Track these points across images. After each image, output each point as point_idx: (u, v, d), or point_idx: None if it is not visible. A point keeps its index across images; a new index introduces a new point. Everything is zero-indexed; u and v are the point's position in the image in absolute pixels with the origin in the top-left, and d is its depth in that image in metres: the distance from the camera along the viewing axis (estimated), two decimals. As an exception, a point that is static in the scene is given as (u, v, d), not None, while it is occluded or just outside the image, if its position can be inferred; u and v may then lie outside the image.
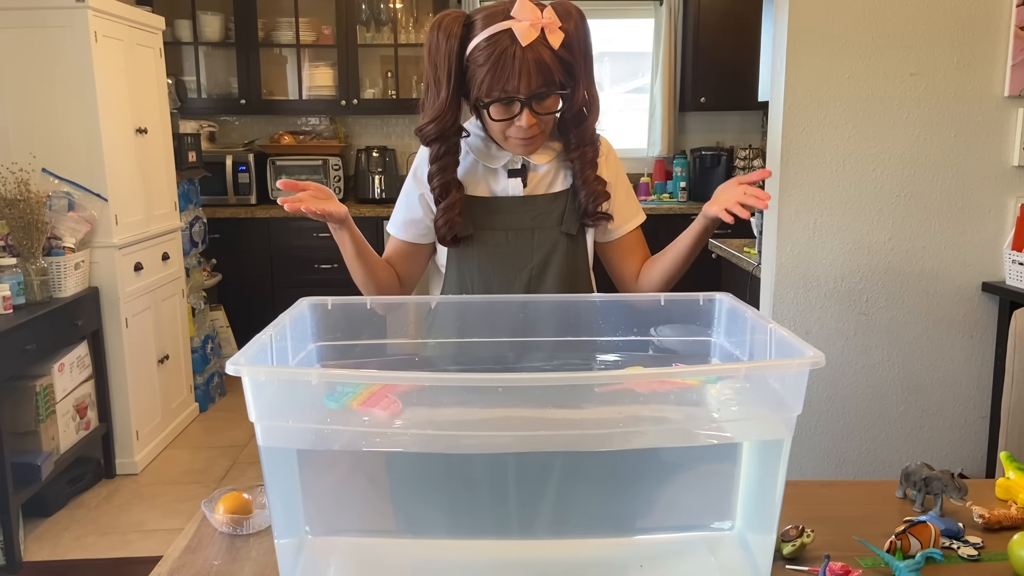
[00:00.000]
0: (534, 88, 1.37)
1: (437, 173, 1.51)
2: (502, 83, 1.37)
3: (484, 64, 1.37)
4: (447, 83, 1.43)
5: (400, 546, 1.14)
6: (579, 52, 1.42)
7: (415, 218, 1.57)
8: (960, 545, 1.20)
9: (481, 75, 1.38)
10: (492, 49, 1.36)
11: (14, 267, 2.93)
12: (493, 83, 1.37)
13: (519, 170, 1.52)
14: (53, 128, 3.21)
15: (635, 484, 1.07)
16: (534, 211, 1.52)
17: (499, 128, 1.45)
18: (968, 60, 2.43)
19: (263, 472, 0.99)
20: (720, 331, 1.31)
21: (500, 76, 1.36)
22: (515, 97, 1.38)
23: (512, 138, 1.45)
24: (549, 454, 1.05)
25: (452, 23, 1.41)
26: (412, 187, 1.59)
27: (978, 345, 2.57)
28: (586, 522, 1.09)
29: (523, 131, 1.42)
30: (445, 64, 1.42)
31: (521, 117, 1.40)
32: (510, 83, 1.36)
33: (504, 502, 1.09)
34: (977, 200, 2.50)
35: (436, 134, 1.49)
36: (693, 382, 1.07)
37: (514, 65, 1.35)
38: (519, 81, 1.36)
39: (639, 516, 1.10)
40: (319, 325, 1.28)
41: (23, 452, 2.87)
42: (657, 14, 5.15)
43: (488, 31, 1.37)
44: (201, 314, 4.31)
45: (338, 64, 5.01)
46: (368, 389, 0.99)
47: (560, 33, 1.38)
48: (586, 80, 1.45)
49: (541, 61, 1.36)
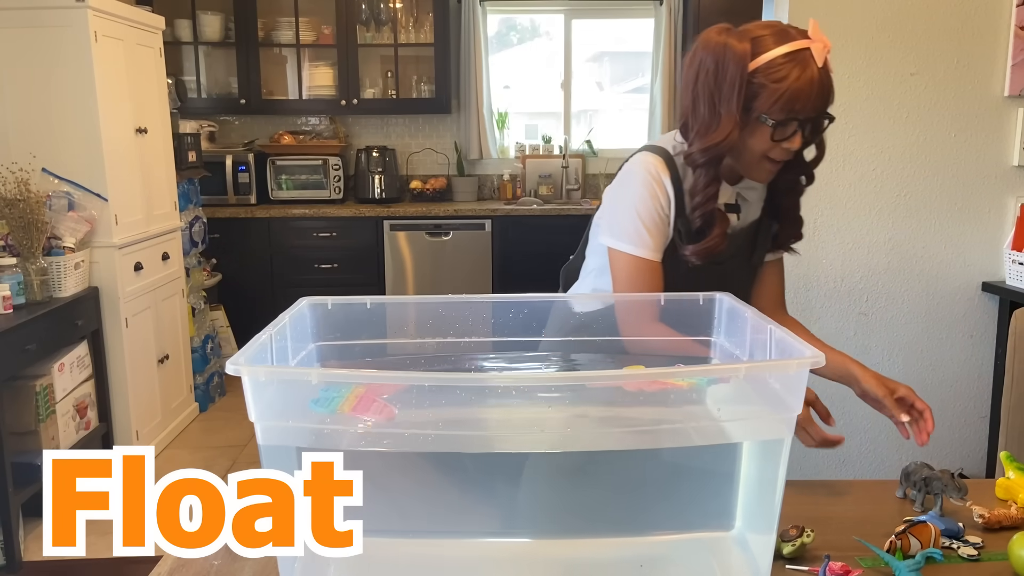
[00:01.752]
0: (819, 111, 1.33)
1: (703, 203, 1.39)
2: (801, 102, 1.30)
3: (784, 80, 1.30)
4: (737, 100, 1.32)
5: (400, 546, 1.14)
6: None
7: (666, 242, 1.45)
8: (960, 545, 1.20)
9: (779, 90, 1.30)
10: (795, 65, 1.30)
11: (14, 267, 2.92)
12: (792, 102, 1.30)
13: (734, 204, 1.47)
14: (53, 128, 3.21)
15: (635, 484, 1.07)
16: (736, 242, 1.47)
17: (764, 149, 1.36)
18: (968, 60, 2.44)
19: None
20: (720, 331, 1.31)
21: (802, 96, 1.30)
22: (802, 118, 1.33)
23: (768, 161, 1.37)
24: (549, 454, 1.05)
25: (739, 35, 1.34)
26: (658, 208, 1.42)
27: (978, 345, 2.57)
28: (586, 522, 1.09)
29: (788, 154, 1.36)
30: (736, 80, 1.31)
31: (794, 140, 1.34)
32: (808, 103, 1.31)
33: (504, 502, 1.09)
34: (977, 200, 2.51)
35: (710, 159, 1.37)
36: (684, 383, 1.07)
37: (812, 87, 1.30)
38: (814, 102, 1.31)
39: (639, 516, 1.10)
40: (319, 325, 1.28)
41: (23, 452, 2.87)
42: (657, 14, 5.15)
43: (787, 46, 1.31)
44: (201, 314, 4.31)
45: (338, 64, 5.01)
46: (354, 393, 0.99)
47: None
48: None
49: (826, 83, 1.32)
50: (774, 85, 1.30)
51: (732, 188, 1.46)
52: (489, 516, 1.11)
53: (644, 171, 1.43)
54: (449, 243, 4.82)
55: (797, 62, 1.30)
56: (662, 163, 1.43)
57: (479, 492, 1.09)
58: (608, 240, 1.47)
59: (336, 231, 4.82)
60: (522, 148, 5.36)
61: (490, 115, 5.23)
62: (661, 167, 1.42)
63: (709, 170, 1.38)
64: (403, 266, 4.83)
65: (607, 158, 5.33)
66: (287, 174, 4.99)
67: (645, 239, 1.42)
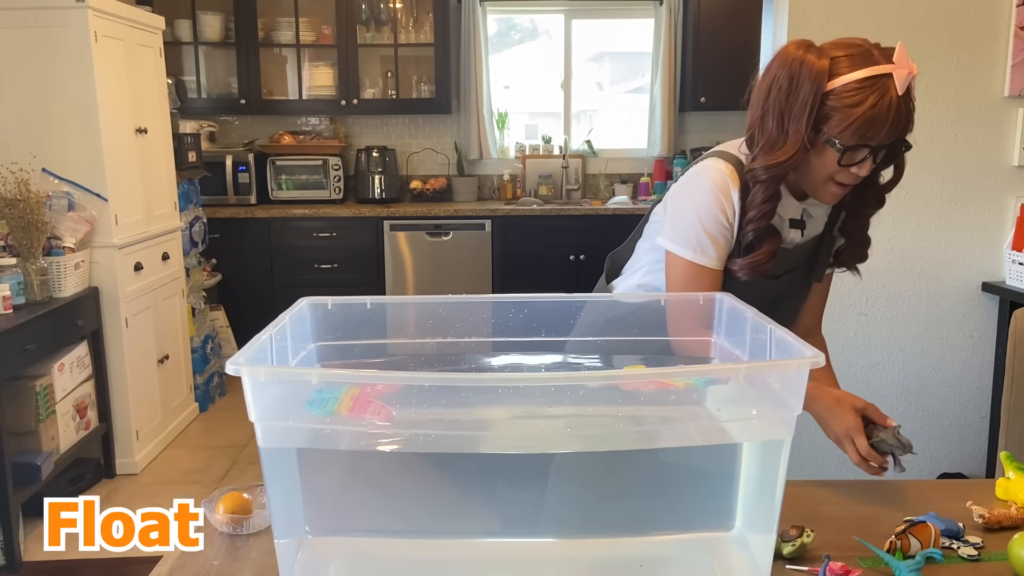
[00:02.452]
0: (892, 139, 1.29)
1: (758, 219, 1.37)
2: (874, 129, 1.26)
3: (858, 106, 1.25)
4: (807, 120, 1.29)
5: (400, 546, 1.14)
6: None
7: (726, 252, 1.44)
8: (960, 545, 1.20)
9: (852, 116, 1.26)
10: (872, 91, 1.25)
11: (14, 267, 2.92)
12: (865, 127, 1.26)
13: (799, 220, 1.44)
14: (53, 128, 3.21)
15: (635, 484, 1.07)
16: (802, 255, 1.47)
17: (831, 172, 1.32)
18: (968, 60, 2.44)
19: (263, 472, 0.99)
20: (720, 331, 1.31)
21: (875, 122, 1.25)
22: (875, 146, 1.29)
23: (834, 184, 1.34)
24: (549, 454, 1.05)
25: (820, 52, 1.30)
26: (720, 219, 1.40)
27: (978, 345, 2.57)
28: (586, 522, 1.09)
29: (854, 179, 1.32)
30: (809, 98, 1.28)
31: (863, 165, 1.30)
32: (881, 131, 1.26)
33: (504, 502, 1.09)
34: (977, 200, 2.50)
35: (772, 177, 1.35)
36: (681, 383, 1.07)
37: (889, 114, 1.25)
38: (888, 131, 1.26)
39: (639, 516, 1.10)
40: (319, 325, 1.28)
41: (23, 452, 2.87)
42: (657, 14, 5.15)
43: (866, 71, 1.26)
44: (201, 314, 4.31)
45: (338, 64, 5.01)
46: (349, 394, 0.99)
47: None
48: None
49: (909, 113, 1.28)
50: (847, 110, 1.26)
51: (799, 204, 1.43)
52: (488, 516, 1.11)
53: (713, 179, 1.40)
54: (449, 243, 4.82)
55: (875, 88, 1.25)
56: (734, 172, 1.40)
57: (478, 492, 1.09)
58: (668, 243, 1.45)
59: (336, 231, 4.82)
60: (522, 148, 5.36)
61: (490, 115, 5.23)
62: (732, 176, 1.39)
63: (769, 187, 1.36)
64: (403, 266, 4.83)
65: (607, 158, 5.33)
66: (287, 174, 4.99)
67: (706, 247, 1.41)
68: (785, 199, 1.41)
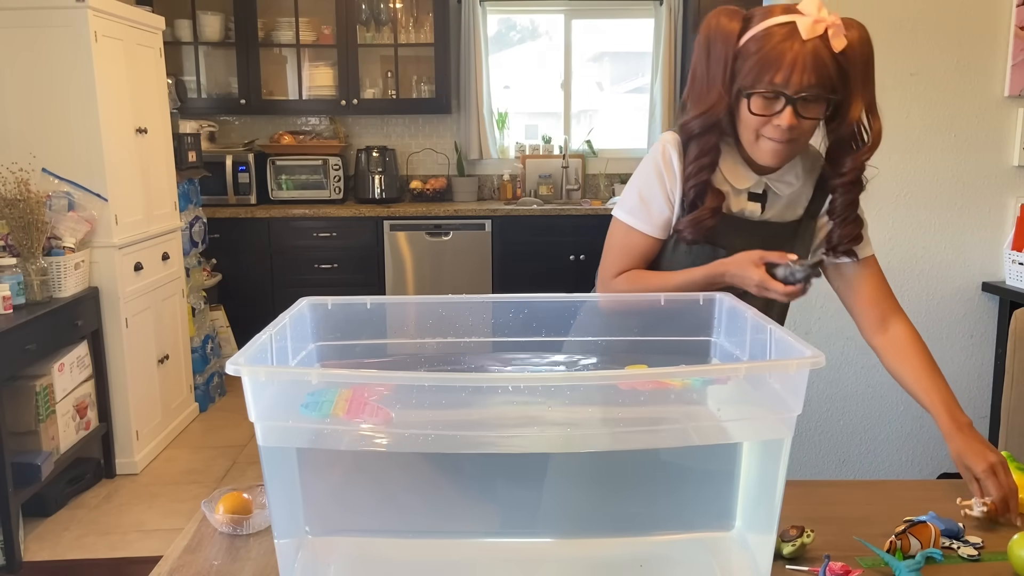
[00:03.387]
0: (804, 86, 1.29)
1: (695, 174, 1.41)
2: (772, 74, 1.29)
3: (756, 53, 1.30)
4: (722, 74, 1.34)
5: (400, 546, 1.14)
6: (858, 67, 1.33)
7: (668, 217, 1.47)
8: (960, 545, 1.20)
9: (751, 63, 1.31)
10: (769, 39, 1.30)
11: (14, 267, 2.92)
12: (762, 72, 1.30)
13: (760, 195, 1.45)
14: (53, 128, 3.21)
15: (635, 484, 1.07)
16: (764, 235, 1.45)
17: (754, 126, 1.35)
18: (968, 60, 2.44)
19: (263, 472, 0.99)
20: (720, 331, 1.31)
21: (772, 66, 1.29)
22: (781, 92, 1.30)
23: (764, 140, 1.36)
24: (549, 454, 1.05)
25: (732, 14, 1.36)
26: (659, 183, 1.46)
27: (978, 345, 2.57)
28: (586, 522, 1.09)
29: (780, 132, 1.33)
30: (721, 54, 1.34)
31: (782, 116, 1.31)
32: (780, 75, 1.29)
33: (504, 502, 1.09)
34: (977, 200, 2.51)
35: (701, 129, 1.39)
36: (678, 383, 1.07)
37: (788, 57, 1.28)
38: (790, 74, 1.28)
39: (639, 516, 1.10)
40: (319, 325, 1.28)
41: (23, 452, 2.87)
42: (657, 14, 5.15)
43: (769, 21, 1.31)
44: (201, 314, 4.31)
45: (338, 64, 5.01)
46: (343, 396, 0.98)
47: (844, 39, 1.30)
48: (864, 98, 1.36)
49: (819, 59, 1.28)
50: (751, 57, 1.31)
51: (759, 177, 1.44)
52: (488, 516, 1.11)
53: (656, 149, 1.46)
54: (449, 243, 4.82)
55: (776, 35, 1.30)
56: (676, 140, 1.45)
57: (478, 492, 1.09)
58: (615, 210, 1.52)
59: (336, 231, 4.82)
60: (522, 148, 5.36)
61: (490, 115, 5.23)
62: (673, 143, 1.44)
63: (701, 140, 1.40)
64: (403, 266, 4.83)
65: (607, 158, 5.33)
66: (287, 174, 4.99)
67: (640, 212, 1.47)
68: (740, 170, 1.44)
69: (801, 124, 1.33)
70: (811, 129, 1.37)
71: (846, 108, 1.36)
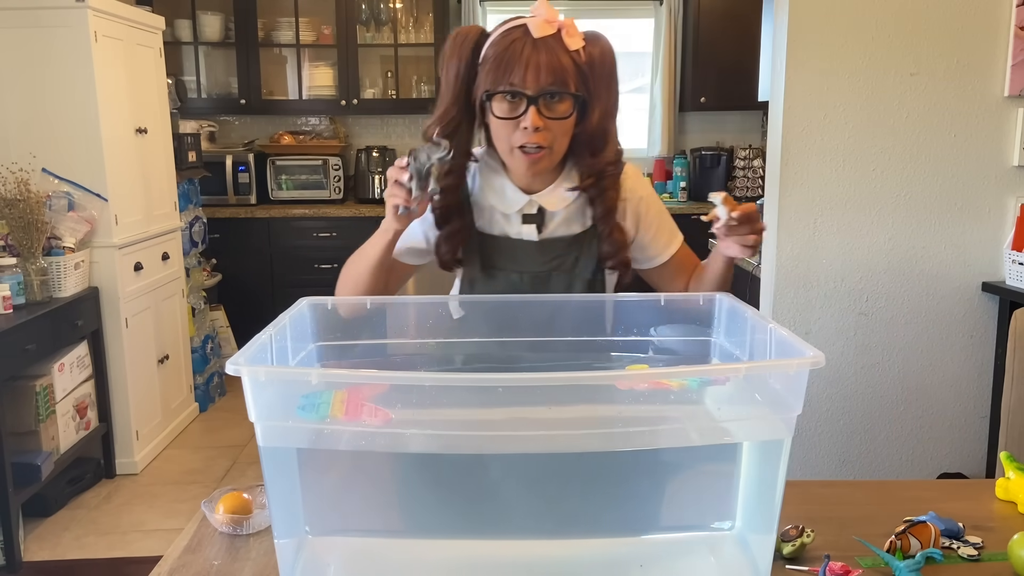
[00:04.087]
0: (543, 85, 1.29)
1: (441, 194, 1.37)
2: (508, 75, 1.29)
3: (493, 57, 1.31)
4: (455, 83, 1.35)
5: (400, 546, 1.14)
6: (601, 75, 1.35)
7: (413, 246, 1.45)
8: (960, 545, 1.20)
9: (489, 67, 1.31)
10: (502, 42, 1.31)
11: (14, 267, 2.92)
12: (500, 74, 1.30)
13: (534, 215, 1.42)
14: (53, 128, 3.21)
15: (635, 484, 1.07)
16: (551, 254, 1.42)
17: (504, 135, 1.34)
18: (968, 60, 2.43)
19: (263, 472, 0.99)
20: (720, 331, 1.31)
21: (507, 68, 1.29)
22: (521, 92, 1.30)
23: (517, 152, 1.34)
24: (549, 454, 1.05)
25: (469, 30, 1.38)
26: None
27: (978, 345, 2.57)
28: (586, 522, 1.09)
29: (528, 136, 1.31)
30: (455, 66, 1.35)
31: (526, 116, 1.30)
32: (516, 75, 1.29)
33: (504, 502, 1.09)
34: (977, 200, 2.51)
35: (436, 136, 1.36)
36: (675, 384, 1.07)
37: (523, 56, 1.29)
38: (526, 74, 1.28)
39: (639, 516, 1.10)
40: (319, 325, 1.28)
41: (23, 452, 2.87)
42: (657, 14, 5.15)
43: (503, 27, 1.34)
44: (201, 314, 4.31)
45: (338, 64, 5.01)
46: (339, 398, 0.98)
47: (579, 39, 1.32)
48: (606, 105, 1.36)
49: (554, 58, 1.29)
50: (488, 63, 1.32)
51: (529, 197, 1.40)
52: (488, 516, 1.11)
53: None
54: (449, 243, 4.81)
55: (508, 37, 1.31)
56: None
57: (479, 492, 1.09)
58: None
59: (336, 231, 4.82)
60: (522, 148, 5.35)
61: (490, 115, 5.22)
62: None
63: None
64: (403, 266, 4.83)
65: (607, 158, 5.32)
66: (287, 174, 4.99)
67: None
68: (508, 192, 1.41)
69: (548, 125, 1.32)
70: (563, 132, 1.35)
71: (589, 108, 1.36)
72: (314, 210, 4.83)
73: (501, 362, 1.34)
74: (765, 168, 2.64)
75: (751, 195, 5.14)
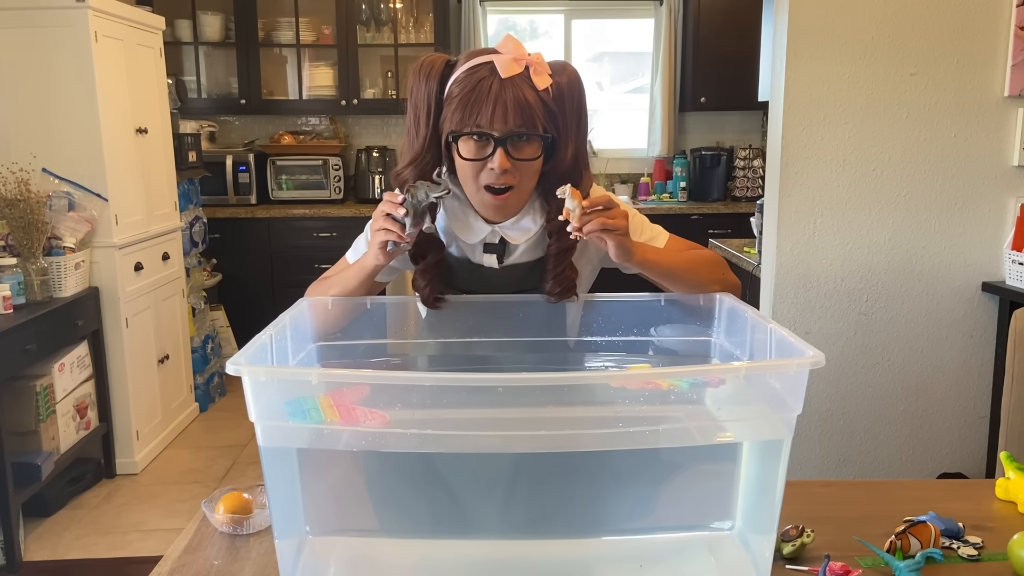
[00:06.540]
0: (511, 126, 1.23)
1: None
2: (475, 116, 1.23)
3: (459, 95, 1.25)
4: (426, 122, 1.30)
5: (400, 546, 1.14)
6: (571, 109, 1.29)
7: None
8: (960, 545, 1.20)
9: (455, 106, 1.25)
10: (469, 80, 1.25)
11: (14, 267, 2.93)
12: (466, 114, 1.24)
13: (496, 245, 1.37)
14: (53, 128, 3.21)
15: (635, 484, 1.07)
16: (512, 278, 1.38)
17: (471, 174, 1.28)
18: (968, 60, 2.43)
19: (263, 472, 0.99)
20: (720, 331, 1.31)
21: (474, 108, 1.23)
22: (488, 134, 1.24)
23: (484, 192, 1.28)
24: (549, 454, 1.05)
25: (433, 62, 1.31)
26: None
27: (978, 345, 2.57)
28: (586, 522, 1.09)
29: (495, 176, 1.25)
30: (424, 103, 1.30)
31: (494, 158, 1.24)
32: (483, 116, 1.23)
33: (504, 502, 1.09)
34: (977, 200, 2.51)
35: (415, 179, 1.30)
36: (665, 384, 1.07)
37: (489, 97, 1.23)
38: (493, 115, 1.23)
39: (639, 516, 1.10)
40: (319, 325, 1.28)
41: (23, 452, 2.87)
42: (657, 14, 5.15)
43: (470, 63, 1.27)
44: (201, 314, 4.31)
45: (338, 64, 5.01)
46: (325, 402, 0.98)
47: (547, 77, 1.26)
48: (576, 141, 1.30)
49: (521, 98, 1.23)
50: (452, 100, 1.26)
51: (491, 227, 1.35)
52: (489, 516, 1.11)
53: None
54: (449, 243, 4.82)
55: (474, 75, 1.25)
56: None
57: (478, 492, 1.09)
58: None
59: (336, 231, 4.82)
60: (522, 148, 5.35)
61: (490, 115, 5.22)
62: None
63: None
64: (403, 266, 4.83)
65: (607, 158, 5.33)
66: (287, 174, 4.99)
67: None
68: (470, 221, 1.35)
69: (516, 167, 1.26)
70: (531, 173, 1.29)
71: (559, 147, 1.30)
72: (314, 210, 4.83)
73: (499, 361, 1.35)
74: (765, 168, 2.64)
75: (751, 195, 5.14)
